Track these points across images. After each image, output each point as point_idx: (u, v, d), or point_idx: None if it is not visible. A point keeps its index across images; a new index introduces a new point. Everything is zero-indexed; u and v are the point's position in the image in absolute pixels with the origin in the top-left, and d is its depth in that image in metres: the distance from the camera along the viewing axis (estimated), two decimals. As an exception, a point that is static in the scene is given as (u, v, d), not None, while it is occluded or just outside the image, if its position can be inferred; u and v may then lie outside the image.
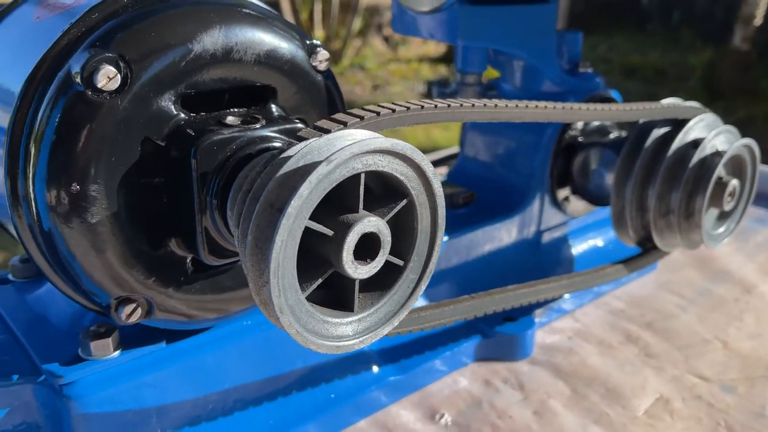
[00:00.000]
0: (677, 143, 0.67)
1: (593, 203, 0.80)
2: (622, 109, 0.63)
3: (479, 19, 0.69)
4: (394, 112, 0.44)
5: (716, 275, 0.86)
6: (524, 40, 0.74)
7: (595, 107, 0.61)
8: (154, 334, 0.52)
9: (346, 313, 0.41)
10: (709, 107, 0.71)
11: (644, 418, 0.61)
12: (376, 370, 0.62)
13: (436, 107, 0.47)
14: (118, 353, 0.50)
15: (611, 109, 0.62)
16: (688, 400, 0.63)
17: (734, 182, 0.68)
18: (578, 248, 0.85)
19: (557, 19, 0.76)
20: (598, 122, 0.78)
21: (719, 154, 0.66)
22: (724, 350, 0.70)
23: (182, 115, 0.46)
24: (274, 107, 0.51)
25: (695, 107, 0.69)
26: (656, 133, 0.68)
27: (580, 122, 0.77)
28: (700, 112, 0.69)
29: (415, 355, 0.65)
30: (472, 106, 0.50)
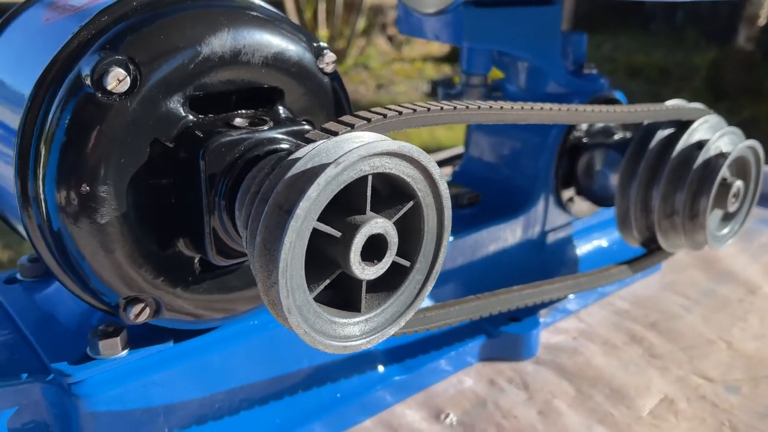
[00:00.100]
0: (682, 144, 0.67)
1: (598, 204, 0.81)
2: (627, 110, 0.63)
3: (485, 20, 0.70)
4: (400, 114, 0.44)
5: (720, 276, 0.86)
6: (529, 41, 0.74)
7: (600, 109, 0.61)
8: (161, 333, 0.52)
9: (353, 313, 0.41)
10: (713, 107, 0.71)
11: (649, 418, 0.61)
12: (381, 369, 0.63)
13: (442, 109, 0.47)
14: (126, 352, 0.50)
15: (616, 110, 0.62)
16: (692, 400, 0.63)
17: (738, 183, 0.68)
18: (583, 249, 0.85)
19: (562, 20, 0.77)
20: (602, 123, 0.78)
21: (723, 155, 0.66)
22: (728, 351, 0.71)
23: (190, 116, 0.46)
24: (281, 109, 0.51)
25: (700, 109, 0.69)
26: (661, 134, 0.68)
27: (584, 123, 0.77)
28: (704, 113, 0.69)
29: (420, 354, 0.65)
30: (478, 108, 0.50)
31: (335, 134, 0.40)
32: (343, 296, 0.41)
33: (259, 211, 0.37)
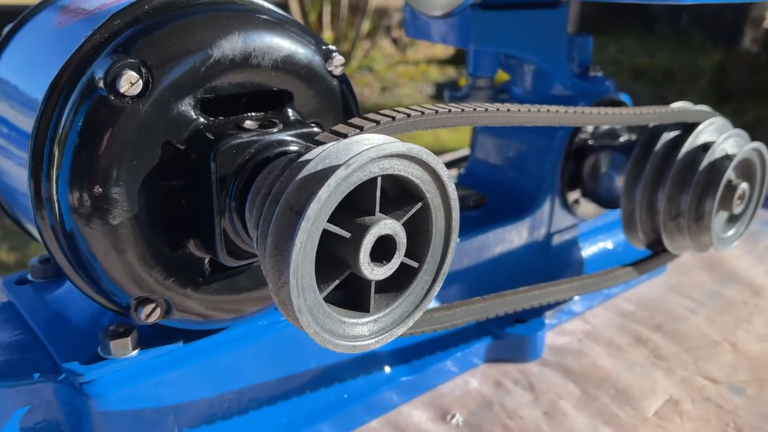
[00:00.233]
0: (687, 146, 0.67)
1: (603, 206, 0.81)
2: (633, 113, 0.63)
3: (491, 23, 0.70)
4: (409, 116, 0.45)
5: (725, 278, 0.86)
6: (536, 44, 0.75)
7: (606, 111, 0.62)
8: (171, 333, 0.53)
9: (362, 313, 0.42)
10: (718, 109, 0.71)
11: (654, 419, 0.61)
12: (388, 370, 0.63)
13: (450, 112, 0.48)
14: (136, 352, 0.51)
15: (622, 113, 0.63)
16: (697, 401, 0.63)
17: (744, 185, 0.68)
18: (588, 250, 0.85)
19: (568, 23, 0.77)
20: (608, 125, 0.78)
21: (729, 157, 0.67)
22: (733, 352, 0.71)
23: (201, 119, 0.47)
24: (290, 111, 0.51)
25: (705, 111, 0.69)
26: (666, 136, 0.68)
27: (590, 125, 0.78)
28: (710, 115, 0.69)
29: (426, 355, 0.65)
30: (485, 110, 0.50)
31: (345, 136, 0.40)
32: (352, 296, 0.42)
33: (270, 212, 0.38)
